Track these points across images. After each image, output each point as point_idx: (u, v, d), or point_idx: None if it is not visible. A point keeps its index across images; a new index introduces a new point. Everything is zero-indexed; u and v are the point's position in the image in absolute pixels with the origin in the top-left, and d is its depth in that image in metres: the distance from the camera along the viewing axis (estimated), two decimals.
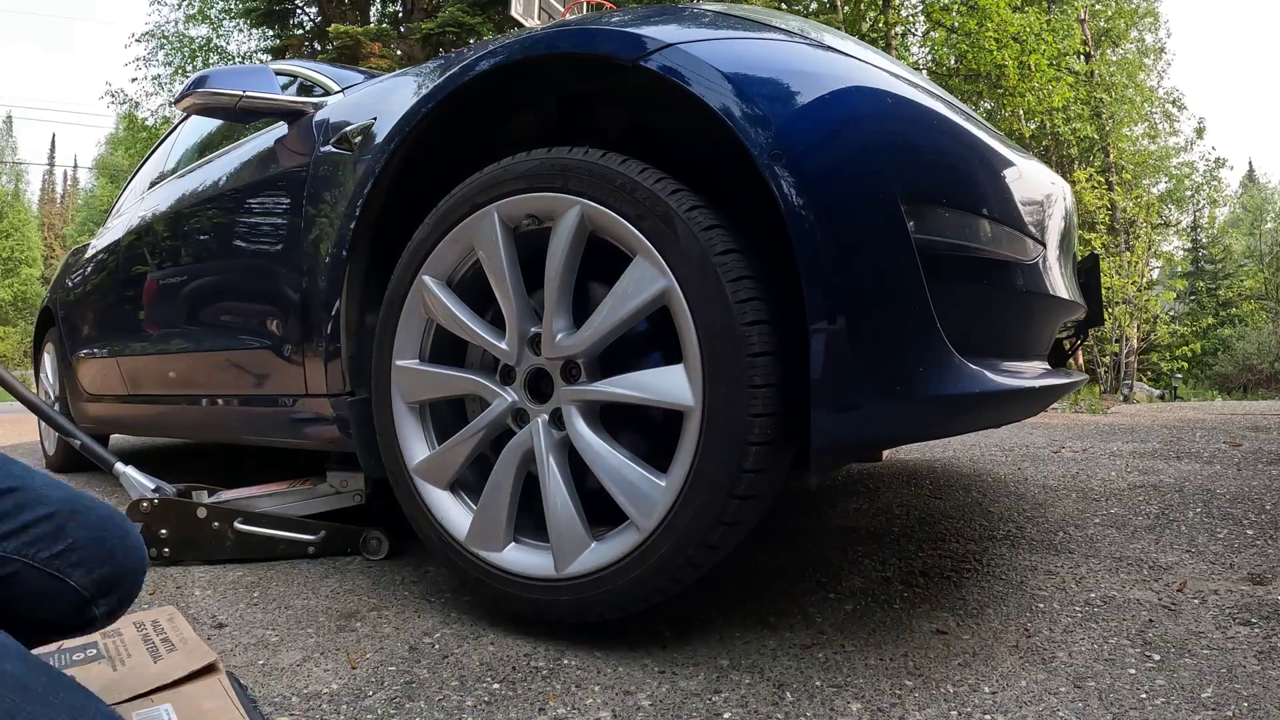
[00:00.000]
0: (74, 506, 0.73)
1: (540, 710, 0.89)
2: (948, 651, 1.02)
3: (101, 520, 0.75)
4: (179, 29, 17.23)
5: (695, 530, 0.96)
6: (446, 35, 10.85)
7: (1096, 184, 14.60)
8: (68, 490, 0.75)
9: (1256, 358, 19.58)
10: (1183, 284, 24.08)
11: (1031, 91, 13.22)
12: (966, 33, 13.43)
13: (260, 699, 0.93)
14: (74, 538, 0.71)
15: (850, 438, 0.94)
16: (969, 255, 1.03)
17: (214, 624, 1.22)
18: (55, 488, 0.74)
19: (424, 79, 1.40)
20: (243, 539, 1.59)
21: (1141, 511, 1.74)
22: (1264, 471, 2.13)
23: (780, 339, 0.96)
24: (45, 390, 3.27)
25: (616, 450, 1.04)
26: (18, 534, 0.69)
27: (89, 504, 0.75)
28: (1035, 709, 0.86)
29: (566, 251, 1.07)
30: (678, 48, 1.01)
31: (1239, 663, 0.96)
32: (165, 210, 2.21)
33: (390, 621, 1.20)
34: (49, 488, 0.74)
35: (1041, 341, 1.32)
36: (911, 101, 1.02)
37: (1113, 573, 1.33)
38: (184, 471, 2.85)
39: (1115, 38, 17.69)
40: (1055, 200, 1.33)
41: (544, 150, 1.12)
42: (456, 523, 1.18)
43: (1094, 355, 13.31)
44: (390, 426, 1.26)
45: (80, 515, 0.73)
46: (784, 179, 0.91)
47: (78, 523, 0.72)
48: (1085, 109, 15.51)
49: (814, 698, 0.90)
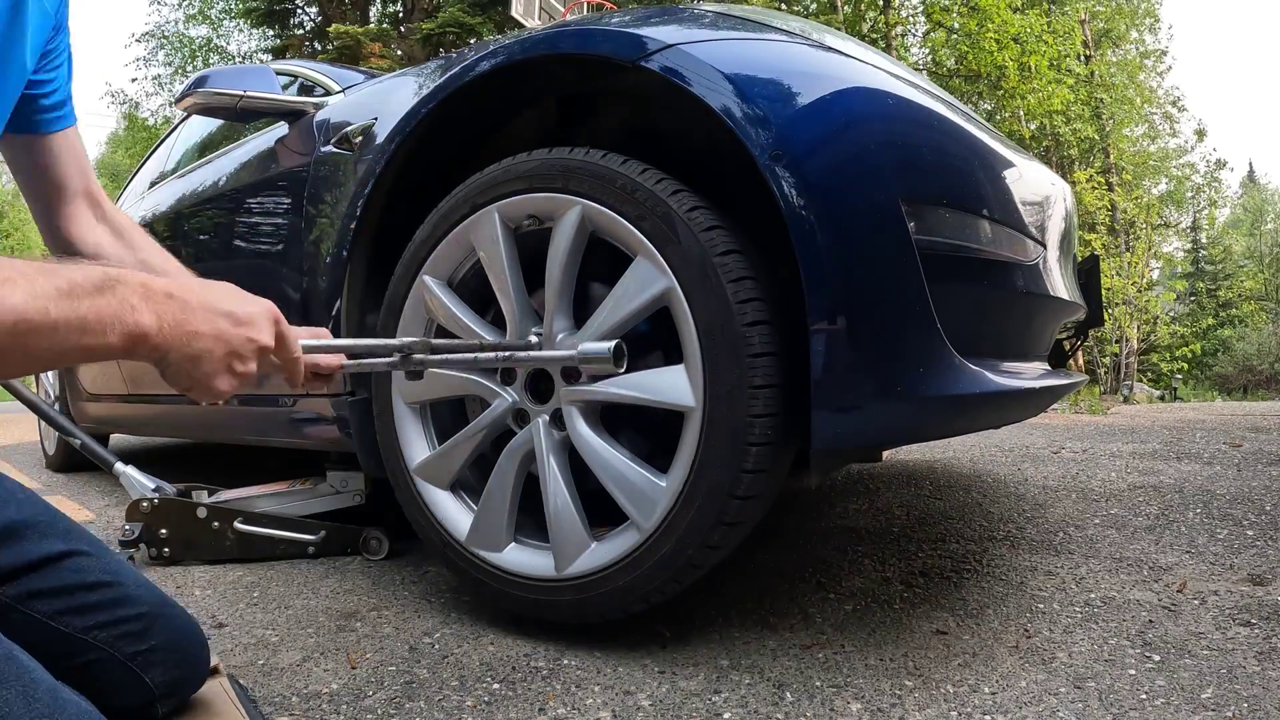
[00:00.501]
0: (161, 611, 0.79)
1: (540, 710, 0.89)
2: (948, 652, 1.02)
3: (182, 629, 0.81)
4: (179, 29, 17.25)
5: (696, 530, 0.96)
6: (447, 35, 10.86)
7: (1096, 185, 14.62)
8: (156, 593, 0.81)
9: (1256, 358, 19.59)
10: (1183, 285, 24.10)
11: (1032, 93, 13.23)
12: (967, 33, 13.45)
13: (260, 699, 0.93)
14: (157, 640, 0.77)
15: (850, 438, 0.93)
16: (969, 256, 1.03)
17: (214, 624, 1.22)
18: (145, 587, 0.80)
19: (424, 79, 1.40)
20: (243, 539, 1.59)
21: (1141, 512, 1.74)
22: (1264, 472, 2.13)
23: (781, 339, 0.96)
24: (45, 390, 3.27)
25: (617, 450, 1.04)
26: (109, 626, 0.74)
27: (174, 611, 0.81)
28: (1035, 709, 0.86)
29: (567, 252, 1.07)
30: (678, 48, 1.01)
31: (1239, 663, 0.96)
32: (165, 210, 2.21)
33: (390, 621, 1.20)
34: (139, 586, 0.80)
35: (1042, 342, 1.32)
36: (912, 102, 1.02)
37: (1113, 573, 1.33)
38: (184, 471, 2.85)
39: (1115, 38, 17.69)
40: (1055, 201, 1.33)
41: (545, 151, 1.12)
42: (457, 523, 1.18)
43: (1094, 356, 13.32)
44: (390, 426, 1.26)
45: (165, 620, 0.79)
46: (784, 179, 0.91)
47: (161, 627, 0.78)
48: (1085, 110, 15.51)
49: (814, 698, 0.90)
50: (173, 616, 0.81)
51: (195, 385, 0.59)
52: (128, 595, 0.78)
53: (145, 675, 0.76)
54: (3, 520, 0.73)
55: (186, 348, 0.57)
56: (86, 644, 0.73)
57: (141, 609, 0.77)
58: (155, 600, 0.80)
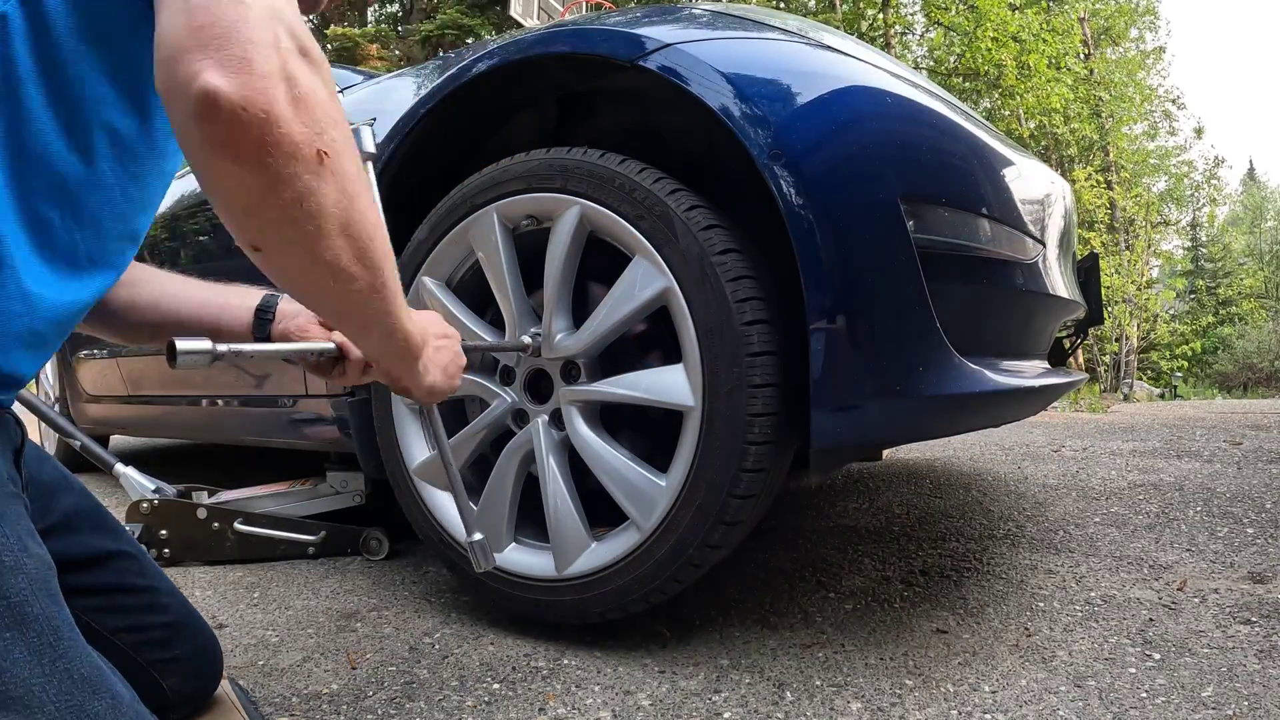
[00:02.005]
0: (188, 621, 0.82)
1: (540, 710, 0.89)
2: (948, 651, 1.02)
3: (204, 642, 0.83)
4: None
5: (696, 530, 0.96)
6: (445, 36, 10.87)
7: (1096, 183, 14.63)
8: (184, 603, 0.83)
9: (1256, 356, 19.59)
10: (1182, 283, 24.09)
11: (1031, 91, 13.24)
12: (965, 32, 13.45)
13: (260, 699, 0.93)
14: (180, 650, 0.80)
15: (850, 437, 0.93)
16: (969, 255, 1.03)
17: (214, 624, 1.21)
18: (174, 596, 0.83)
19: (423, 79, 1.40)
20: (243, 539, 1.59)
21: (1141, 510, 1.74)
22: (1264, 470, 2.13)
23: (780, 338, 0.96)
24: (45, 391, 3.26)
25: (617, 450, 1.04)
26: (137, 630, 0.77)
27: (198, 623, 0.84)
28: (1035, 708, 0.86)
29: (566, 252, 1.07)
30: (676, 48, 1.01)
31: (1239, 662, 0.96)
32: (164, 211, 2.21)
33: (390, 621, 1.20)
34: (170, 595, 0.82)
35: (1041, 340, 1.32)
36: (911, 101, 1.02)
37: (1113, 572, 1.33)
38: (184, 472, 2.85)
39: (1115, 37, 17.69)
40: (1054, 199, 1.33)
41: (543, 151, 1.11)
42: (457, 523, 1.18)
43: (1094, 354, 13.33)
44: (390, 427, 1.26)
45: (189, 631, 0.82)
46: (783, 179, 0.91)
47: (185, 638, 0.81)
48: (1084, 108, 15.51)
49: (814, 697, 0.90)
50: (197, 628, 0.83)
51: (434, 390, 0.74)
52: (160, 603, 0.80)
53: (163, 682, 0.78)
54: (66, 508, 0.75)
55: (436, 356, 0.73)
56: (112, 645, 0.74)
57: (170, 618, 0.80)
58: (183, 611, 0.82)
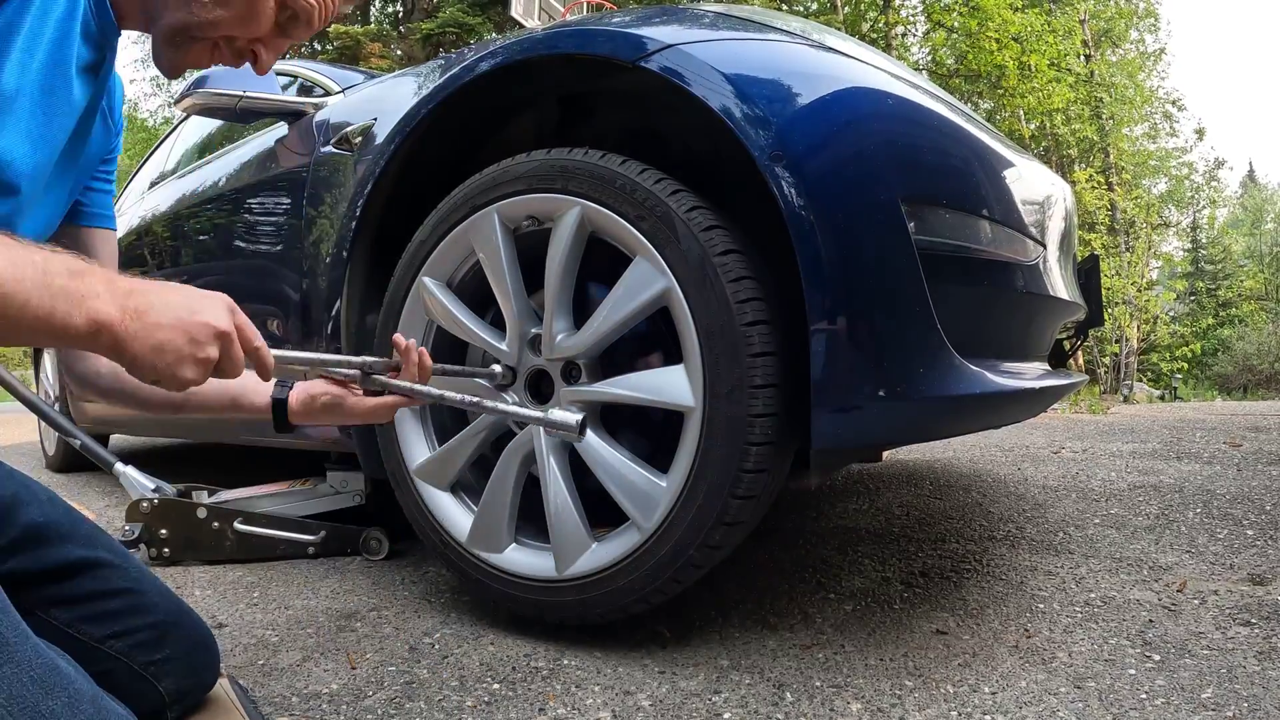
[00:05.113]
0: (178, 619, 0.81)
1: (540, 710, 0.89)
2: (948, 651, 1.02)
3: (197, 639, 0.82)
4: None
5: (696, 530, 0.96)
6: (446, 36, 10.87)
7: (1096, 184, 14.62)
8: (174, 601, 0.82)
9: (1256, 358, 19.56)
10: (1182, 284, 24.09)
11: (1032, 92, 13.24)
12: (967, 33, 13.45)
13: (260, 699, 0.93)
14: (171, 650, 0.78)
15: (850, 438, 0.94)
16: (969, 256, 1.03)
17: (214, 624, 1.21)
18: (163, 595, 0.82)
19: (424, 79, 1.40)
20: (243, 539, 1.59)
21: (1141, 512, 1.74)
22: (1264, 472, 2.13)
23: (781, 339, 0.96)
24: (45, 390, 3.26)
25: (617, 451, 1.04)
26: (125, 635, 0.76)
27: (190, 620, 0.82)
28: (1035, 709, 0.86)
29: (566, 252, 1.07)
30: (678, 48, 1.01)
31: (1239, 663, 0.96)
32: (165, 211, 2.21)
33: (390, 621, 1.20)
34: (159, 595, 0.81)
35: (1042, 342, 1.32)
36: (912, 103, 1.02)
37: (1113, 573, 1.33)
38: (184, 471, 2.85)
39: (1115, 38, 17.68)
40: (1055, 201, 1.33)
41: (544, 151, 1.12)
42: (457, 524, 1.18)
43: (1094, 356, 13.33)
44: (390, 427, 1.26)
45: (180, 630, 0.80)
46: (784, 180, 0.91)
47: (176, 637, 0.79)
48: (1085, 109, 15.51)
49: (814, 698, 0.90)
50: (188, 626, 0.81)
51: (162, 376, 0.60)
52: (145, 604, 0.79)
53: (158, 684, 0.77)
54: (27, 522, 0.74)
55: (150, 338, 0.59)
56: (102, 653, 0.74)
57: (157, 618, 0.79)
58: (172, 609, 0.81)
